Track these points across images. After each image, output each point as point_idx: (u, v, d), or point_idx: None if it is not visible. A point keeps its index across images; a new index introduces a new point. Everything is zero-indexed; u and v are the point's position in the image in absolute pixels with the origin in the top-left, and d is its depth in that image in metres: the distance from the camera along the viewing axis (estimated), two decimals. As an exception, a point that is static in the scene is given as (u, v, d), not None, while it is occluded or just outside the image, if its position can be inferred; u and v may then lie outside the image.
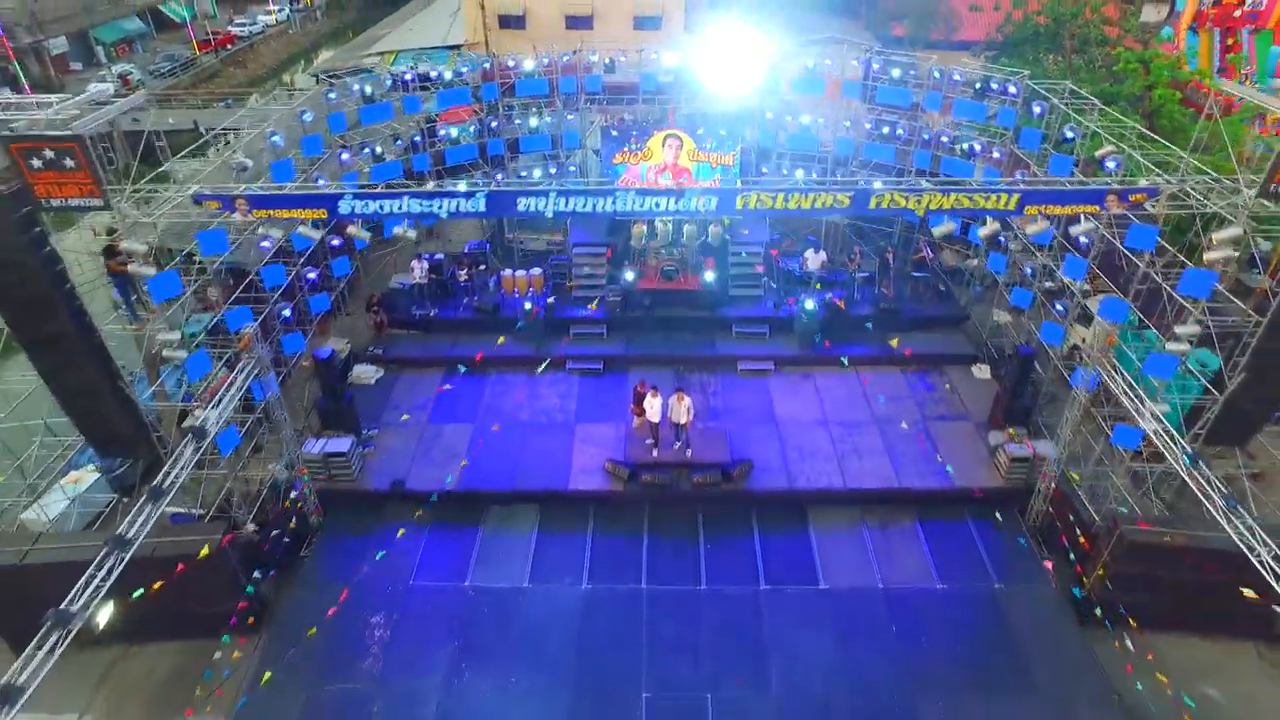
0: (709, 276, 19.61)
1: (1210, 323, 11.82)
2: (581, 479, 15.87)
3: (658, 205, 12.22)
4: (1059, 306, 15.68)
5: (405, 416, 17.32)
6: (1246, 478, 14.36)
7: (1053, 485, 14.79)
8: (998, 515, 15.22)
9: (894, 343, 18.70)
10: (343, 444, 15.56)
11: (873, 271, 20.31)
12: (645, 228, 19.95)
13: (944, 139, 19.15)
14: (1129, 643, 12.93)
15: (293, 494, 14.65)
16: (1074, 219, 13.36)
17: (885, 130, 20.06)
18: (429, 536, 15.24)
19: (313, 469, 15.32)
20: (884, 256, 20.58)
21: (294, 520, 14.70)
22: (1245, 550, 10.36)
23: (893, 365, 19.01)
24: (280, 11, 65.72)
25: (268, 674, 12.55)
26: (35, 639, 9.33)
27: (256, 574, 13.73)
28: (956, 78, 18.30)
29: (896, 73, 19.01)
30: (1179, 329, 11.74)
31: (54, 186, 10.45)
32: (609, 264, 20.21)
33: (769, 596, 14.00)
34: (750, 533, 15.21)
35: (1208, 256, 11.41)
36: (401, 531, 14.80)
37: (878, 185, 12.56)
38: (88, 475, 15.41)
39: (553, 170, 21.44)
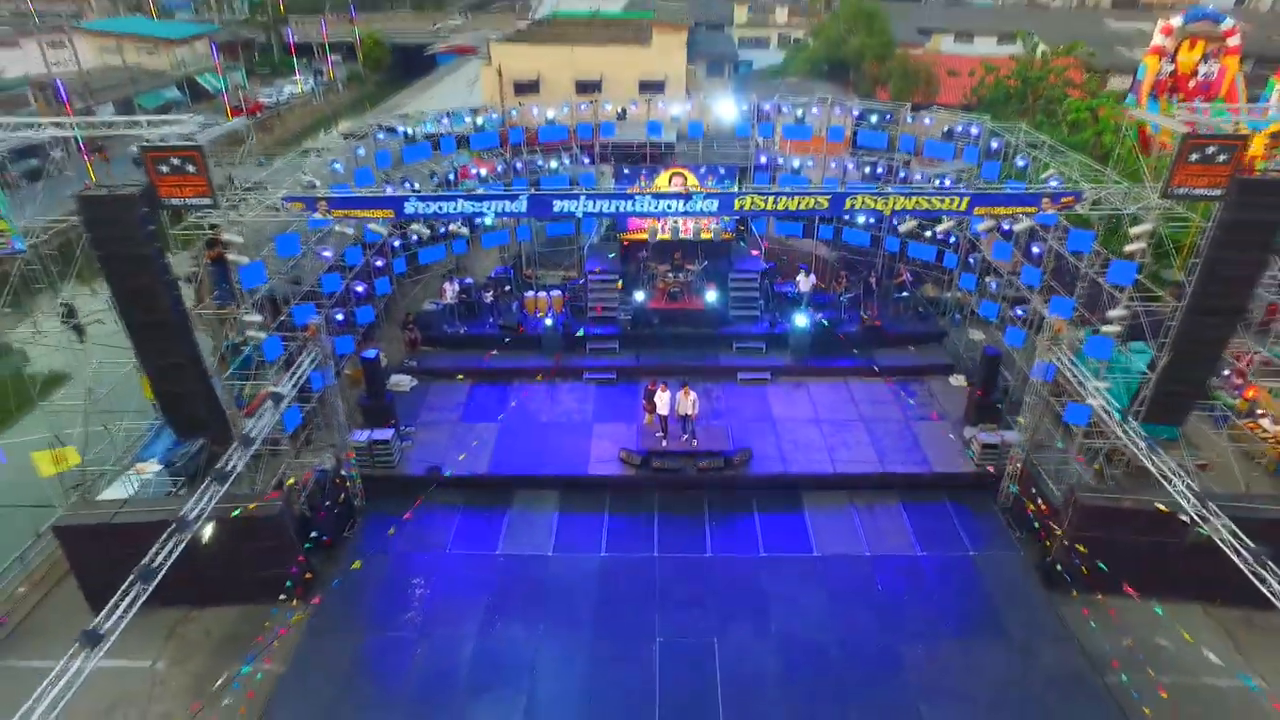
0: (711, 298, 21.82)
1: (1140, 309, 13.90)
2: (598, 466, 17.72)
3: (669, 207, 14.48)
4: (1019, 311, 17.79)
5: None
6: (1194, 468, 16.14)
7: (1020, 468, 16.62)
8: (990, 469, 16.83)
9: (875, 370, 20.79)
10: (386, 433, 17.46)
11: (858, 293, 22.53)
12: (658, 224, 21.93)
13: (917, 176, 21.64)
14: (1089, 601, 14.52)
15: (341, 472, 16.45)
16: (1034, 241, 15.60)
17: (866, 170, 22.59)
18: (462, 516, 16.99)
19: (359, 455, 17.16)
20: (868, 281, 22.82)
21: (341, 499, 16.47)
22: (1161, 479, 12.17)
23: (878, 375, 21.01)
24: (305, 84, 70.07)
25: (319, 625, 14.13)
26: (122, 588, 11.05)
27: (308, 545, 15.44)
28: (927, 121, 20.90)
29: (874, 119, 21.63)
30: (1110, 314, 13.82)
31: (175, 188, 12.71)
32: (619, 291, 22.41)
33: (767, 562, 15.67)
34: (750, 511, 16.95)
35: (1127, 249, 13.59)
36: (419, 500, 16.56)
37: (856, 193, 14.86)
38: (151, 467, 17.37)
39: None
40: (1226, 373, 21.15)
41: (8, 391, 21.85)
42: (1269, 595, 11.11)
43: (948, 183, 21.13)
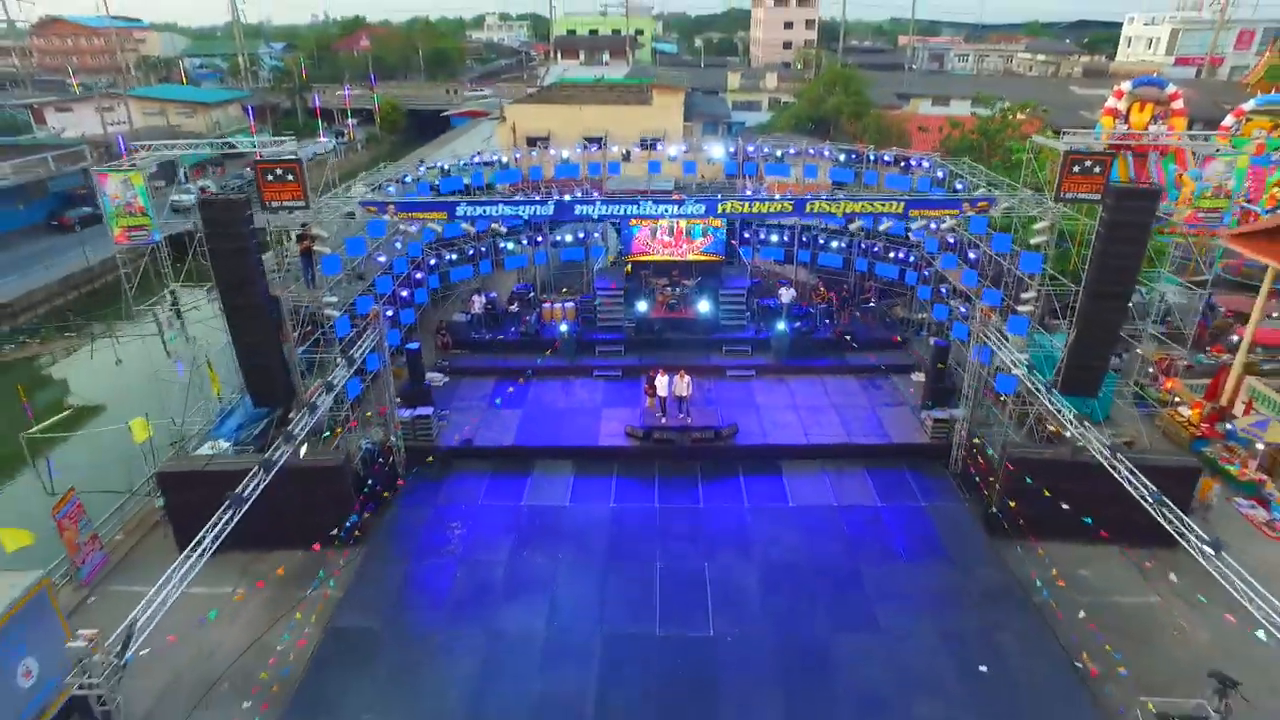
0: (704, 309, 25.18)
1: (1050, 290, 17.21)
2: (607, 439, 20.77)
3: (667, 211, 17.88)
4: (964, 309, 21.08)
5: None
6: (1121, 444, 19.09)
7: (964, 436, 19.66)
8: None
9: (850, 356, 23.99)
10: (426, 410, 20.56)
11: (830, 305, 25.90)
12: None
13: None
14: (1024, 544, 17.33)
15: (389, 441, 19.48)
16: (971, 248, 18.97)
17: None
18: (491, 479, 19.95)
19: (403, 428, 20.21)
20: (841, 295, 26.22)
21: (389, 463, 19.45)
22: (1077, 435, 15.21)
23: (848, 373, 24.20)
24: (327, 144, 75.14)
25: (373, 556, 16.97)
26: (215, 515, 13.86)
27: (364, 490, 18.37)
28: (887, 159, 24.62)
29: (842, 157, 25.37)
30: (1023, 295, 17.12)
31: (276, 193, 16.17)
32: (624, 301, 25.78)
33: (750, 511, 18.58)
34: (736, 474, 19.93)
35: (1032, 241, 16.96)
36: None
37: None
38: (221, 445, 20.43)
39: (580, 235, 27.48)
40: (1151, 370, 24.48)
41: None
42: (1163, 523, 13.80)
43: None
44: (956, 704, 13.39)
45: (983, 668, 14.12)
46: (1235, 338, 24.90)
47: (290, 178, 16.10)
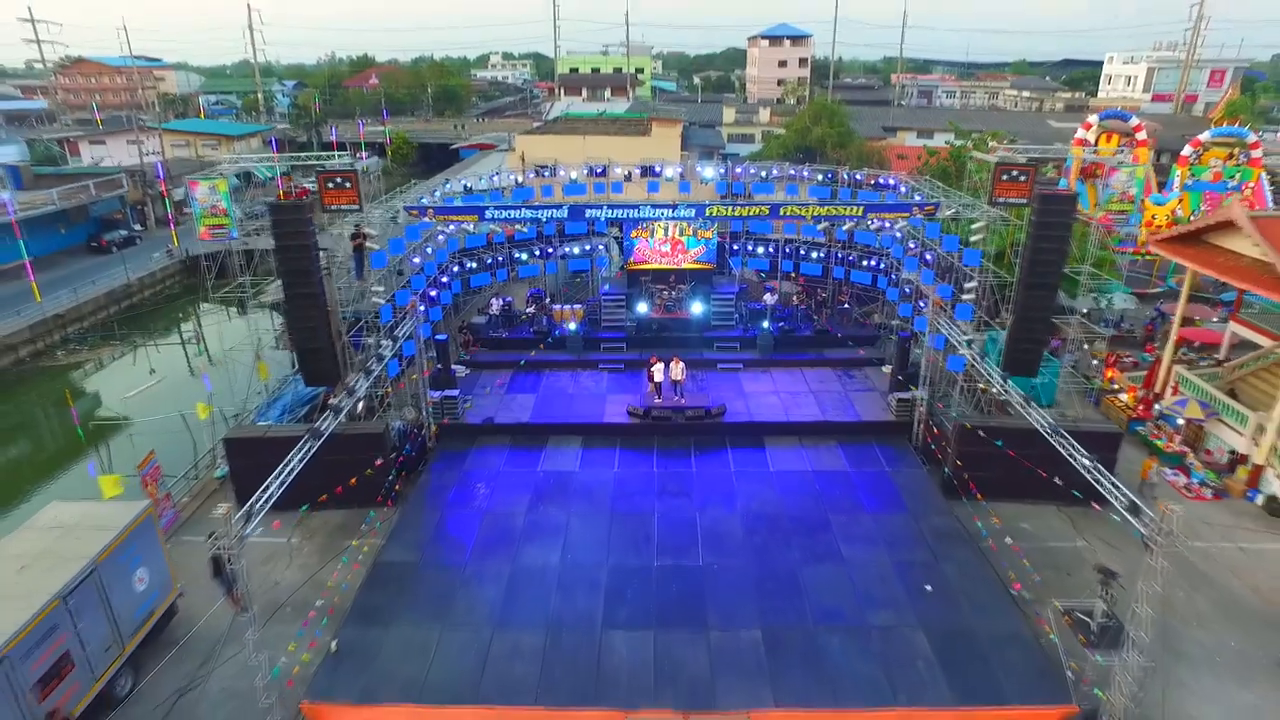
0: (697, 310, 28.22)
1: (990, 282, 20.24)
2: (611, 418, 23.65)
3: (663, 214, 20.97)
4: (923, 303, 24.08)
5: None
6: None
7: (924, 414, 22.53)
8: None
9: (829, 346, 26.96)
10: (453, 392, 23.47)
11: (808, 306, 28.96)
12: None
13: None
14: (974, 503, 20.06)
15: (422, 417, 22.36)
16: (927, 251, 22.01)
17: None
18: (510, 450, 22.78)
19: (433, 408, 23.09)
20: (819, 298, 29.29)
21: (421, 436, 22.30)
22: (1019, 406, 18.09)
23: (825, 365, 27.16)
24: (372, 161, 78.91)
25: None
26: (276, 469, 16.63)
27: (401, 459, 21.20)
28: (859, 176, 27.83)
29: (820, 177, 28.57)
30: (966, 285, 20.15)
31: (336, 198, 19.28)
32: (626, 304, 28.84)
33: (735, 475, 21.40)
34: (724, 446, 22.77)
35: (972, 239, 20.04)
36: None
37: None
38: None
39: (586, 248, 30.64)
40: (1096, 362, 27.47)
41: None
42: (1094, 484, 16.37)
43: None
44: (904, 613, 16.11)
45: (928, 587, 16.86)
46: (1163, 329, 28.01)
47: (347, 185, 19.24)
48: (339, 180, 19.21)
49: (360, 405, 21.32)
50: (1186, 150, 39.62)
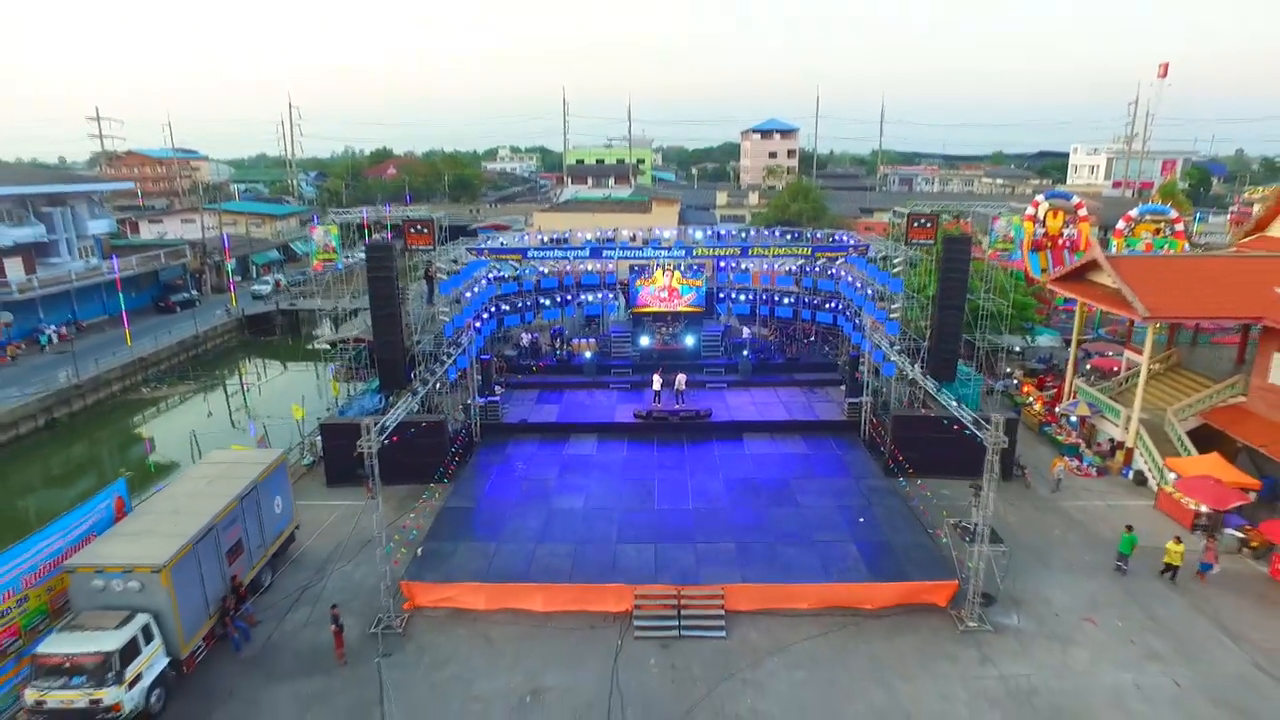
0: (690, 343, 34.50)
1: (914, 302, 26.52)
2: (620, 419, 29.54)
3: (661, 252, 27.37)
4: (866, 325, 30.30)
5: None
6: None
7: (869, 413, 28.42)
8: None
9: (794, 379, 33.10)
10: (495, 398, 29.45)
11: (780, 341, 35.25)
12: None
13: (815, 268, 35.09)
14: (909, 480, 25.74)
15: (468, 419, 28.24)
16: (867, 286, 28.48)
17: (790, 268, 36.06)
18: (539, 443, 28.56)
19: (479, 410, 28.99)
20: (789, 333, 35.62)
21: (468, 434, 28.11)
22: (942, 403, 24.08)
23: (794, 385, 33.19)
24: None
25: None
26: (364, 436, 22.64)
27: (453, 450, 26.95)
28: (819, 234, 34.57)
29: (789, 237, 35.31)
30: (892, 307, 26.45)
31: (415, 239, 25.81)
32: (631, 339, 35.13)
33: (720, 457, 27.15)
34: (711, 439, 28.59)
35: (894, 271, 26.45)
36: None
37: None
38: None
39: (599, 296, 37.12)
40: (1016, 382, 33.52)
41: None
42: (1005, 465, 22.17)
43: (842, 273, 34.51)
44: (841, 534, 21.64)
45: (861, 519, 22.44)
46: (1088, 367, 34.20)
47: (425, 230, 25.80)
48: (419, 227, 25.78)
49: (423, 407, 27.28)
50: (1120, 224, 46.31)
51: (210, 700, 16.35)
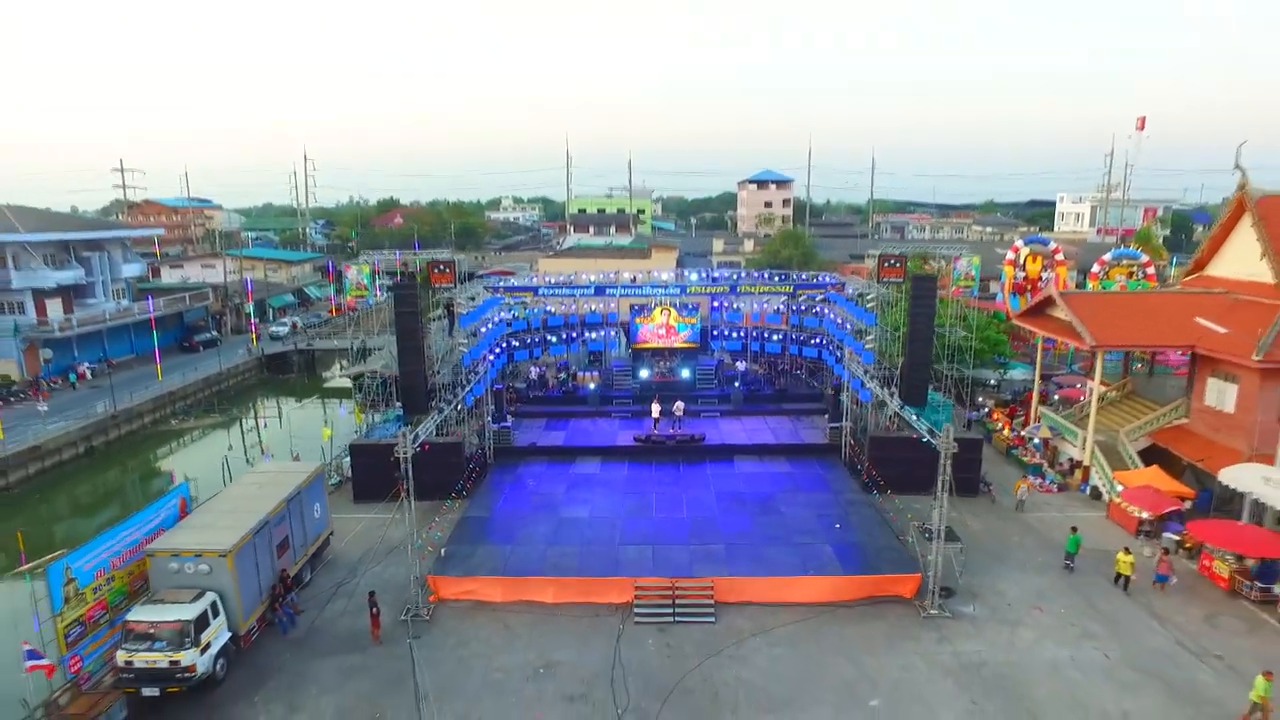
0: (685, 375, 37.36)
1: (887, 335, 29.43)
2: (622, 443, 32.22)
3: (659, 290, 30.34)
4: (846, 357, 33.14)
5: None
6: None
7: (849, 436, 31.11)
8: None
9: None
10: (507, 423, 32.16)
11: (770, 373, 38.10)
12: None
13: (802, 307, 38.15)
14: (885, 497, 28.32)
15: (482, 443, 30.92)
16: (846, 322, 31.48)
17: (779, 307, 39.12)
18: (548, 465, 31.19)
19: (492, 434, 31.68)
20: (777, 367, 38.49)
21: (482, 456, 30.76)
22: (912, 425, 26.86)
23: (781, 414, 35.93)
24: (384, 295, 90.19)
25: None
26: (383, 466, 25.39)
27: (470, 468, 29.56)
28: (804, 275, 37.69)
29: (777, 278, 38.43)
30: (867, 339, 29.33)
31: (439, 278, 28.82)
32: (631, 374, 37.99)
33: (712, 475, 29.77)
34: (704, 461, 31.23)
35: (868, 307, 29.41)
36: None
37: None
38: None
39: (602, 333, 40.13)
40: (987, 410, 36.28)
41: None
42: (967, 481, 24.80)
43: (825, 309, 37.54)
44: (818, 538, 24.18)
45: (837, 526, 24.99)
46: (1056, 397, 37.01)
47: (447, 270, 28.85)
48: (442, 267, 28.86)
49: (443, 433, 29.99)
50: (1095, 268, 49.26)
51: (263, 672, 18.76)
